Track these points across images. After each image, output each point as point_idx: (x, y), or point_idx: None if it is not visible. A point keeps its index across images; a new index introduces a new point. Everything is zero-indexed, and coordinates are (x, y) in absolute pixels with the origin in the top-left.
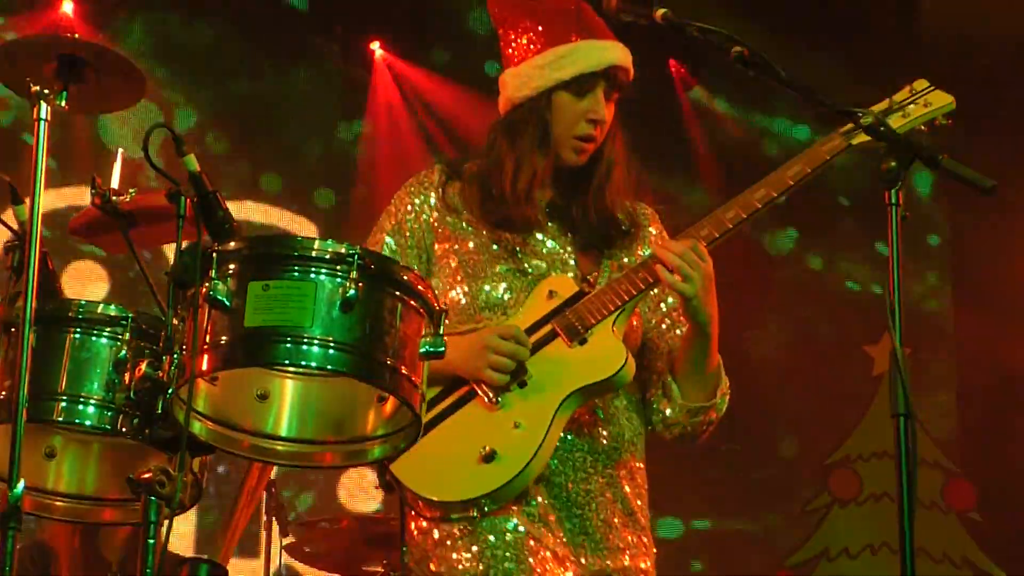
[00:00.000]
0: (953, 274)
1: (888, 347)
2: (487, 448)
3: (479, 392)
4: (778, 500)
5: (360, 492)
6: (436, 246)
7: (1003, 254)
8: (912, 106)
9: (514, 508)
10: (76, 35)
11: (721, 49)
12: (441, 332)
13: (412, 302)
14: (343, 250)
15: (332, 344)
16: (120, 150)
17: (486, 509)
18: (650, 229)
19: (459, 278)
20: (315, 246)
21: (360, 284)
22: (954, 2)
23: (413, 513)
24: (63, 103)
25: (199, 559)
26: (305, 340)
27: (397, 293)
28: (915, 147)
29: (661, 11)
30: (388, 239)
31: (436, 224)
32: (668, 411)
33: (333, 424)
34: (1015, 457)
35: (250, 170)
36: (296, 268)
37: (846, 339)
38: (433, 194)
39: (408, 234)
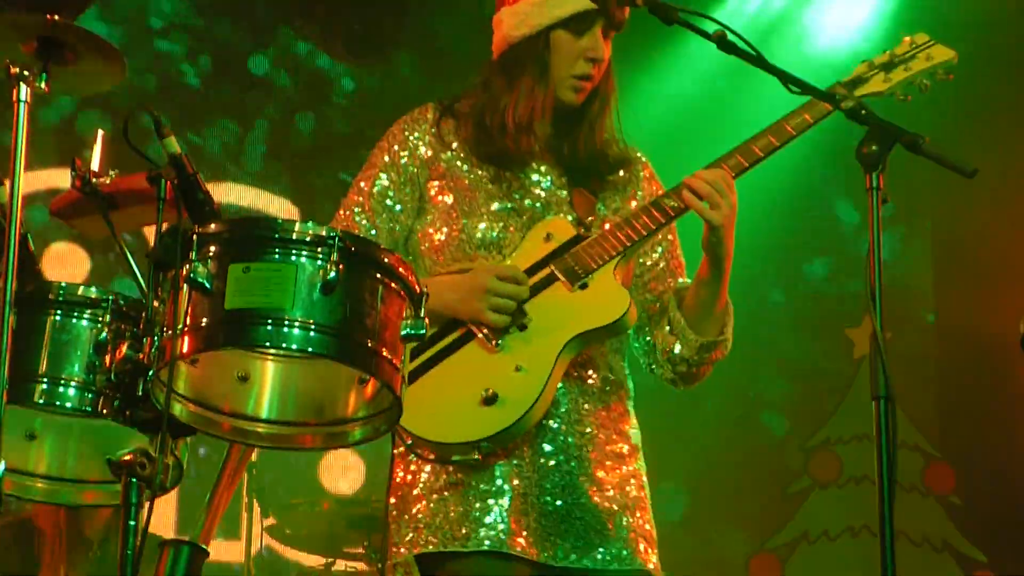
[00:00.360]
0: (936, 252)
1: (869, 330)
2: (489, 391)
3: (478, 334)
4: (758, 482)
5: (341, 474)
6: (430, 183)
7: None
8: (913, 60)
9: (504, 464)
10: (56, 16)
11: (702, 33)
12: (422, 314)
13: (393, 284)
14: (324, 232)
15: (313, 326)
16: (100, 132)
17: (485, 452)
18: (642, 173)
19: (454, 215)
20: (296, 228)
21: (341, 266)
22: None
23: (401, 464)
24: (43, 85)
25: (180, 541)
26: (286, 322)
27: (378, 275)
28: (897, 131)
29: None
30: (381, 175)
31: (430, 160)
32: (677, 347)
33: (314, 406)
34: (995, 441)
35: (233, 151)
36: (277, 250)
37: (829, 321)
38: (428, 130)
39: (401, 170)
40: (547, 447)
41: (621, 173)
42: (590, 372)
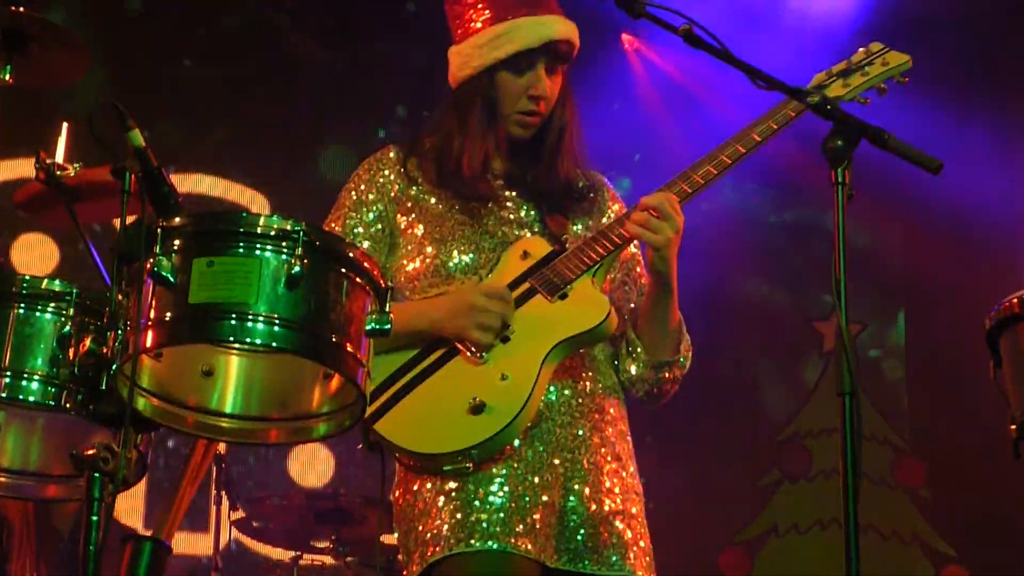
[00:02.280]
0: (906, 243)
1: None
2: (476, 399)
3: (463, 350)
4: (728, 475)
5: (310, 468)
6: (400, 218)
7: None
8: (870, 66)
9: (500, 467)
10: (20, 8)
11: (669, 26)
12: (387, 309)
13: (358, 279)
14: (288, 226)
15: (277, 321)
16: (65, 124)
17: (476, 460)
18: (607, 195)
19: (426, 244)
20: (260, 222)
21: (305, 261)
22: None
23: (401, 486)
24: (7, 76)
25: (143, 536)
26: (250, 317)
27: (343, 270)
28: (862, 127)
29: None
30: (351, 214)
31: (398, 196)
32: (634, 369)
33: (278, 401)
34: (964, 435)
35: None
36: (241, 244)
37: (800, 314)
38: (394, 168)
39: (370, 207)
40: (541, 448)
41: (588, 198)
42: (584, 377)
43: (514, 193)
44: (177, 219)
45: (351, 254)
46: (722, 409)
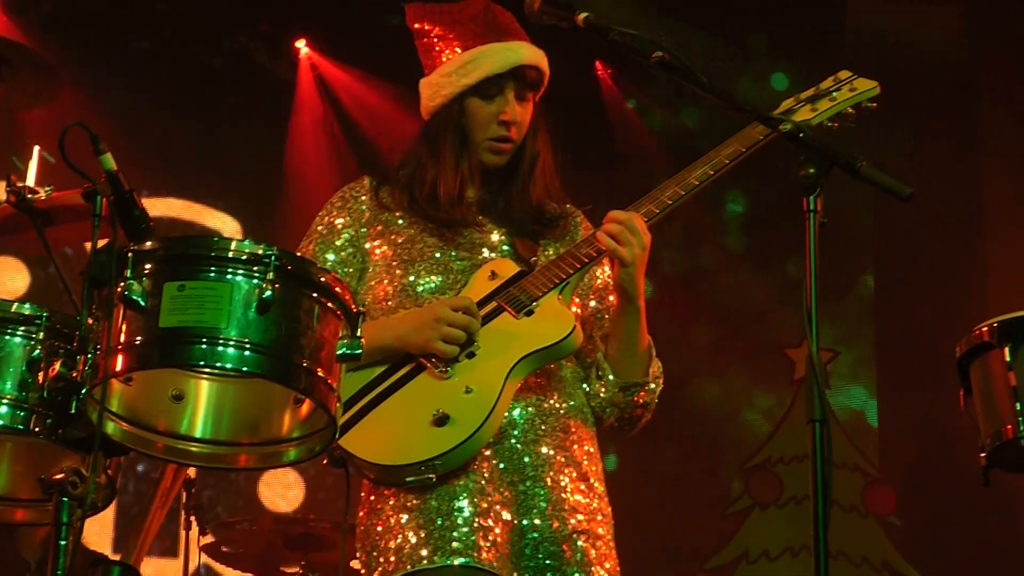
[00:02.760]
0: (877, 270)
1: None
2: (439, 411)
3: (427, 365)
4: (698, 502)
5: (280, 492)
6: (371, 243)
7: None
8: (838, 92)
9: (463, 482)
10: None
11: (642, 54)
12: (358, 334)
13: (329, 304)
14: (260, 251)
15: (248, 345)
16: (36, 147)
17: (439, 471)
18: (578, 223)
19: (395, 266)
20: (231, 247)
21: (277, 285)
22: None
23: (365, 506)
24: None
25: (111, 561)
26: (220, 341)
27: (314, 295)
28: (834, 153)
29: (583, 15)
30: (322, 240)
31: (369, 222)
32: (603, 392)
33: (248, 426)
34: (935, 462)
35: (175, 166)
36: (212, 269)
37: (770, 340)
38: (364, 197)
39: (340, 232)
40: (504, 465)
41: (560, 226)
42: (550, 395)
43: (486, 219)
44: (148, 243)
45: (322, 279)
46: (692, 435)
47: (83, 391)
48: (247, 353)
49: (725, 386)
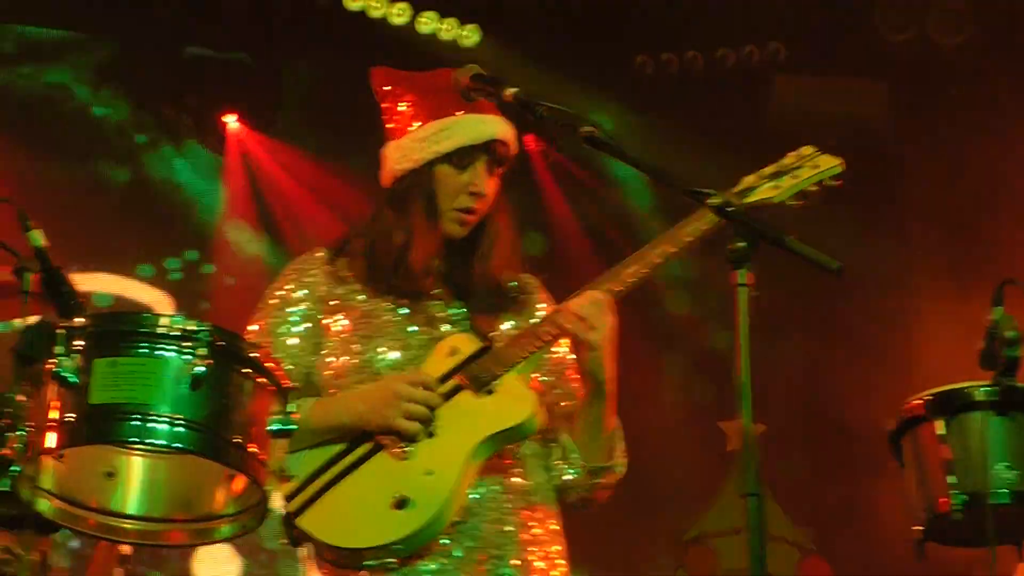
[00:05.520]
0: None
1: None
2: (399, 494)
3: (386, 443)
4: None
5: (214, 569)
6: (326, 318)
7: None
8: (800, 169)
9: (429, 564)
10: None
11: (571, 128)
12: (290, 410)
13: (261, 379)
14: (192, 327)
15: (180, 422)
16: None
17: (401, 555)
18: (537, 297)
19: (353, 341)
20: (162, 322)
21: (209, 361)
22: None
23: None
24: None
25: None
26: (152, 418)
27: (246, 370)
28: (761, 228)
29: (512, 90)
30: (275, 313)
31: (325, 295)
32: (568, 476)
33: (182, 502)
34: (869, 535)
35: (105, 240)
36: (144, 345)
37: (702, 413)
38: (321, 268)
39: (294, 306)
40: (470, 544)
41: (519, 300)
42: (513, 473)
43: (445, 291)
44: (78, 319)
45: (254, 355)
46: (627, 509)
47: (15, 468)
48: (179, 429)
49: (659, 460)
